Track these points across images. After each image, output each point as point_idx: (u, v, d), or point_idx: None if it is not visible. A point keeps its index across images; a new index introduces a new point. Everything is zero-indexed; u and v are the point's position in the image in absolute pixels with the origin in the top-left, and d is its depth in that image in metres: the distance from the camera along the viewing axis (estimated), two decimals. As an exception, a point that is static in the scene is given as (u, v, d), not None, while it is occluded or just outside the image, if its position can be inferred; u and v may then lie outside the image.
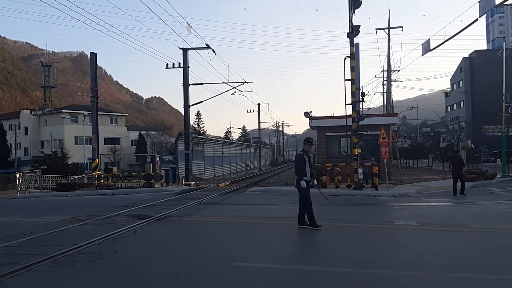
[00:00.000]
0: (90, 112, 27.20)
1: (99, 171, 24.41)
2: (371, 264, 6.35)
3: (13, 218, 12.26)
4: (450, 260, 6.56)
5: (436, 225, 9.73)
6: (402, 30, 35.42)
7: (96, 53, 24.33)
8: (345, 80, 17.99)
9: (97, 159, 24.15)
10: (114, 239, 8.22)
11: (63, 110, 64.22)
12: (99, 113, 25.69)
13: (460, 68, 75.77)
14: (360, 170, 17.62)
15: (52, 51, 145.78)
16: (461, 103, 74.78)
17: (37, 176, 30.13)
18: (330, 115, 26.53)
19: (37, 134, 66.63)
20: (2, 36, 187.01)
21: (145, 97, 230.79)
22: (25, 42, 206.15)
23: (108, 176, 23.96)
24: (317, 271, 6.01)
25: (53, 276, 5.83)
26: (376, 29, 34.69)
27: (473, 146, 44.60)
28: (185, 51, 27.03)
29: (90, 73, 25.29)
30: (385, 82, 40.34)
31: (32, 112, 70.03)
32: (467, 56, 74.49)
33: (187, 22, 23.94)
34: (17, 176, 26.07)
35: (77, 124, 58.03)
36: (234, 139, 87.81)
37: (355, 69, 17.82)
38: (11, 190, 30.10)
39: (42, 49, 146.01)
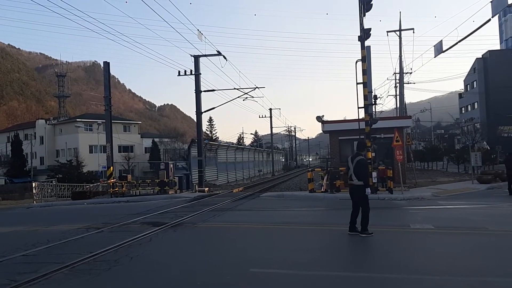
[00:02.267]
0: (104, 121, 27.54)
1: (113, 179, 24.64)
2: (388, 268, 6.29)
3: (30, 227, 12.45)
4: (469, 263, 6.46)
5: (453, 228, 9.59)
6: (413, 32, 35.21)
7: (109, 62, 24.70)
8: (357, 83, 17.87)
9: (111, 167, 24.38)
10: (130, 246, 8.28)
11: (77, 119, 65.19)
12: (112, 121, 25.94)
13: (473, 69, 74.83)
14: (374, 174, 17.47)
15: (66, 61, 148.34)
16: (476, 104, 73.78)
17: (53, 185, 30.50)
18: (343, 119, 26.32)
19: (52, 143, 67.58)
20: (17, 47, 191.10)
21: (157, 104, 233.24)
22: (39, 52, 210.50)
23: (123, 183, 24.16)
24: (333, 277, 5.97)
25: (70, 284, 5.88)
26: (387, 31, 34.55)
27: (488, 148, 44.05)
28: (196, 58, 27.20)
29: (103, 82, 25.61)
30: (398, 84, 40.08)
31: (47, 122, 71.08)
32: (481, 56, 73.58)
33: (198, 30, 24.05)
34: (33, 185, 26.41)
35: (91, 133, 58.72)
36: (247, 145, 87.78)
37: (367, 72, 17.70)
38: (27, 199, 30.46)
39: (56, 60, 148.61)
